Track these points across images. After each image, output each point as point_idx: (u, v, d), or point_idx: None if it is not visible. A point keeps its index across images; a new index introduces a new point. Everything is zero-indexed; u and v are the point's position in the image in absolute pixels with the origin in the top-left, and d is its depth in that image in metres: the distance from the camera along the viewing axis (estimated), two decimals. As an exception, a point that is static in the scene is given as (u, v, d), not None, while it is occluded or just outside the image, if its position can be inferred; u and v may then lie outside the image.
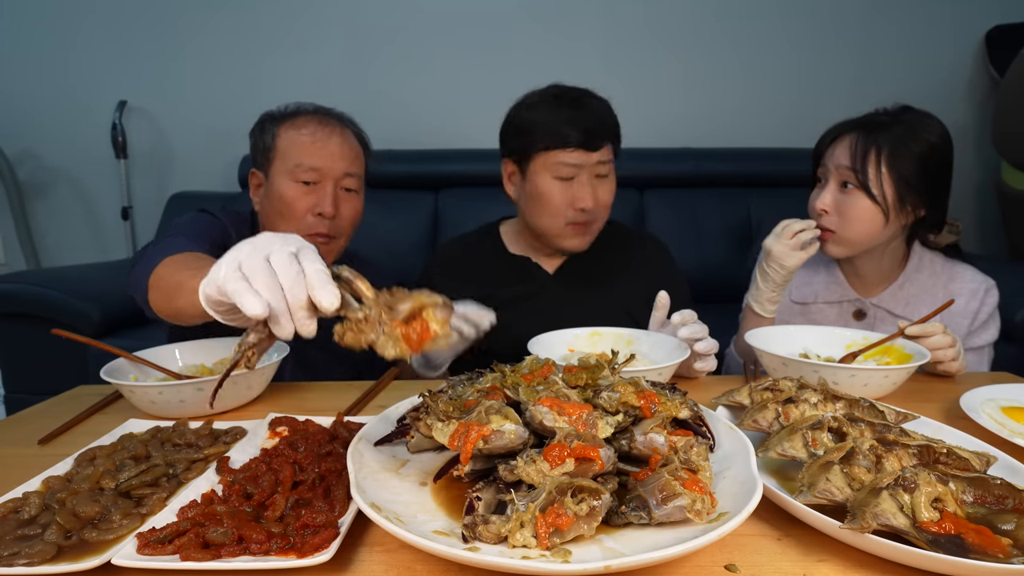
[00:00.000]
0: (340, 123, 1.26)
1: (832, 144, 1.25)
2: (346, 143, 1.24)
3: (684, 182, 2.52)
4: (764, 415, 0.75)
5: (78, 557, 0.54)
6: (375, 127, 2.64)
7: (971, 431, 0.77)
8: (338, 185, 1.22)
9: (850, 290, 1.34)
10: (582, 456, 0.55)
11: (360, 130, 1.32)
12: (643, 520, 0.54)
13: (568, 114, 1.21)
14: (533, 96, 1.28)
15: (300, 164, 1.19)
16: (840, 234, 1.23)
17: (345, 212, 1.24)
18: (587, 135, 1.20)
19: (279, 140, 1.22)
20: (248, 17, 2.62)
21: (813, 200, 1.28)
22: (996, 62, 2.56)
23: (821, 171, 1.28)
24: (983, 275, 1.29)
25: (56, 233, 2.83)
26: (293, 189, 1.20)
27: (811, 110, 2.69)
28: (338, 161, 1.21)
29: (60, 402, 1.04)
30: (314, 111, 1.27)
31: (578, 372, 0.70)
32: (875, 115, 1.24)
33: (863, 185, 1.19)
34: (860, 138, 1.20)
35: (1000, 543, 0.51)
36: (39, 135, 2.71)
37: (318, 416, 0.85)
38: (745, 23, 2.63)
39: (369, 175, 1.35)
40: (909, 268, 1.30)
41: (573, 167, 1.22)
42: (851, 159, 1.20)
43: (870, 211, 1.20)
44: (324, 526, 0.56)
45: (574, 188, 1.23)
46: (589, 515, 0.52)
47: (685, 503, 0.52)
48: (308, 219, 1.20)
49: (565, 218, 1.26)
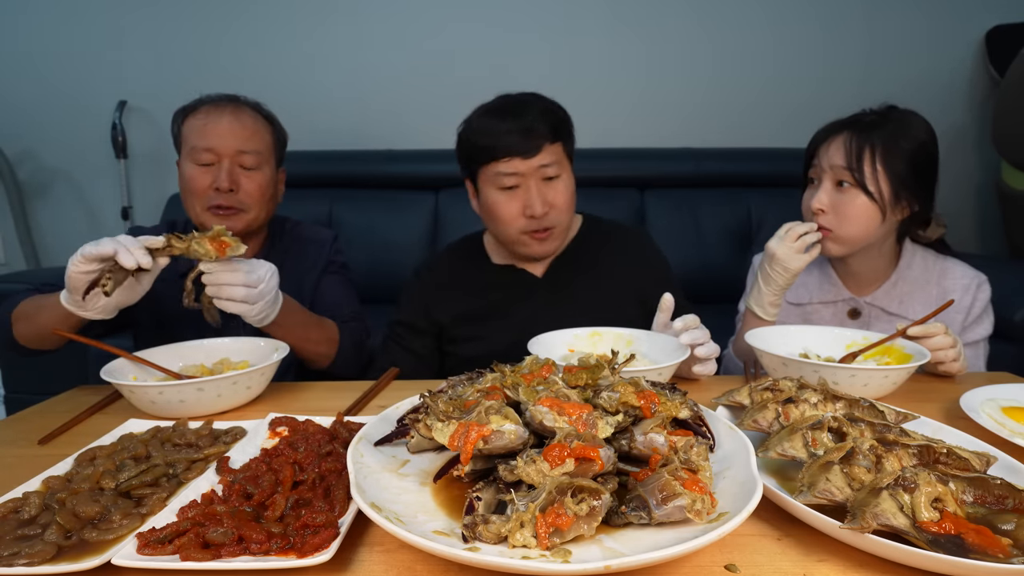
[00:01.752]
0: (234, 105, 1.31)
1: (824, 144, 1.26)
2: (238, 122, 1.29)
3: (684, 182, 2.52)
4: (764, 415, 0.75)
5: (78, 557, 0.54)
6: (375, 127, 2.68)
7: (971, 431, 0.77)
8: (235, 162, 1.28)
9: (844, 290, 1.35)
10: (582, 456, 0.55)
11: (263, 110, 1.37)
12: (643, 520, 0.54)
13: (500, 124, 1.22)
14: (474, 112, 1.29)
15: (195, 146, 1.27)
16: (837, 232, 1.24)
17: (247, 187, 1.29)
18: (520, 142, 1.20)
19: (183, 128, 1.31)
20: (248, 17, 2.62)
21: (808, 200, 1.29)
22: (996, 62, 2.55)
23: (813, 172, 1.29)
24: (974, 270, 1.30)
25: (56, 233, 2.83)
26: (193, 170, 1.27)
27: (811, 110, 2.67)
28: (229, 139, 1.27)
29: (60, 402, 1.04)
30: (215, 98, 1.33)
31: (578, 372, 0.70)
32: (863, 115, 1.26)
33: (859, 183, 1.20)
34: (854, 137, 1.22)
35: (1000, 543, 0.51)
36: (39, 135, 2.71)
37: (318, 416, 0.85)
38: (745, 23, 2.63)
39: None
40: (902, 265, 1.31)
41: (514, 176, 1.22)
42: (846, 158, 1.21)
43: (867, 208, 1.21)
44: (324, 526, 0.56)
45: (520, 196, 1.23)
46: (589, 515, 0.52)
47: (685, 503, 0.52)
48: (209, 194, 1.27)
49: (518, 227, 1.25)
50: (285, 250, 1.43)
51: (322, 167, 2.48)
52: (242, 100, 1.34)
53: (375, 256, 2.37)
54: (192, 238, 0.99)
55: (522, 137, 1.20)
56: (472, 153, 1.27)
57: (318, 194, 2.43)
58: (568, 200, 1.28)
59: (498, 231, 1.30)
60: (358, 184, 2.49)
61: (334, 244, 1.50)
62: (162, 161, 2.71)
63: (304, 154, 2.41)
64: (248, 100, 1.35)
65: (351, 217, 2.42)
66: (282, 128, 1.40)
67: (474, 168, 1.28)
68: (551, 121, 1.24)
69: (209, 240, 1.00)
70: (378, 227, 2.41)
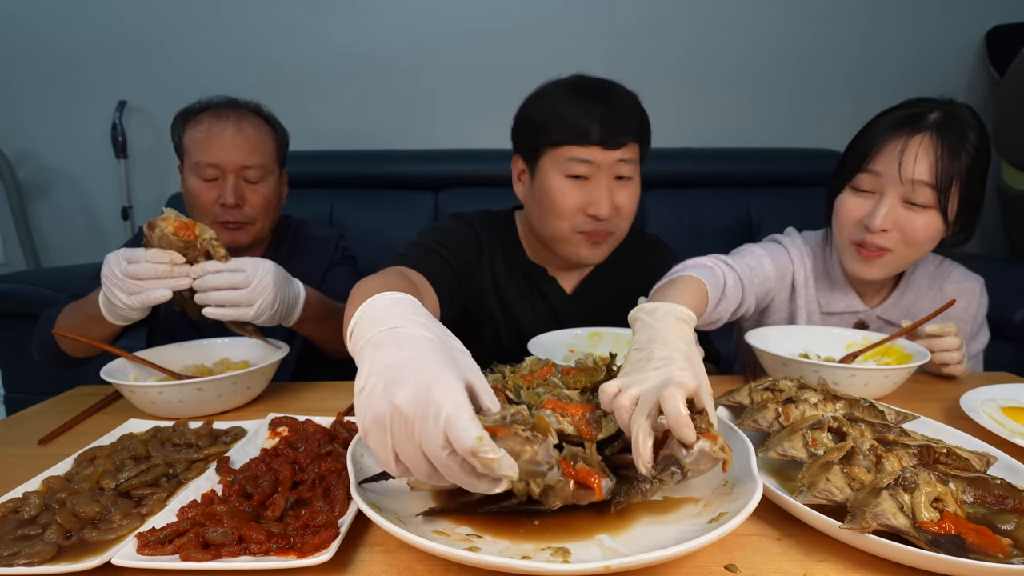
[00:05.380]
0: (236, 114, 1.28)
1: (893, 149, 1.05)
2: (241, 135, 1.26)
3: (683, 182, 2.52)
4: (764, 415, 0.75)
5: (78, 557, 0.54)
6: (375, 128, 2.68)
7: (971, 431, 0.77)
8: (239, 176, 1.26)
9: (857, 300, 1.23)
10: (583, 482, 0.54)
11: (264, 112, 1.34)
12: (676, 476, 0.53)
13: (586, 106, 1.07)
14: (550, 86, 1.14)
15: (199, 161, 1.25)
16: (894, 254, 1.09)
17: (252, 200, 1.28)
18: (607, 130, 1.06)
19: (185, 138, 1.28)
20: (249, 17, 2.62)
21: (854, 211, 1.10)
22: (996, 62, 2.55)
23: (868, 181, 1.08)
24: (973, 274, 1.25)
25: (56, 233, 2.82)
26: (198, 185, 1.26)
27: (811, 110, 2.69)
28: (233, 154, 1.25)
29: (60, 402, 1.04)
30: (215, 104, 1.29)
31: (576, 375, 0.70)
32: (927, 113, 1.06)
33: (940, 205, 1.03)
34: (944, 149, 1.02)
35: (1000, 543, 0.51)
36: (39, 135, 2.71)
37: (318, 416, 0.85)
38: (745, 23, 2.63)
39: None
40: (908, 271, 1.24)
41: (588, 165, 1.08)
42: (935, 176, 1.02)
43: (935, 231, 1.06)
44: (324, 526, 0.56)
45: (588, 190, 1.10)
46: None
47: (707, 446, 0.53)
48: (215, 209, 1.26)
49: (574, 224, 1.12)
50: (290, 249, 1.43)
51: (322, 167, 2.48)
52: (243, 105, 1.32)
53: (375, 256, 2.33)
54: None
55: (610, 125, 1.07)
56: (544, 128, 1.10)
57: (318, 194, 2.43)
58: (633, 207, 1.15)
59: (547, 223, 1.15)
60: (358, 184, 2.49)
61: (339, 242, 1.49)
62: (162, 161, 2.71)
63: (304, 154, 2.41)
64: (249, 104, 1.33)
65: (351, 217, 2.42)
66: (283, 129, 1.38)
67: (539, 146, 1.12)
68: (639, 117, 1.12)
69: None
70: (378, 227, 2.41)
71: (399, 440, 0.48)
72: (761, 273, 1.17)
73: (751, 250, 1.22)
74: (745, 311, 1.11)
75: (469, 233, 1.24)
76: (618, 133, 1.08)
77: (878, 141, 1.08)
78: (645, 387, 0.59)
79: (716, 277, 1.01)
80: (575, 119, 1.07)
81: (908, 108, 1.09)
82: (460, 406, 0.47)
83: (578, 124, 1.07)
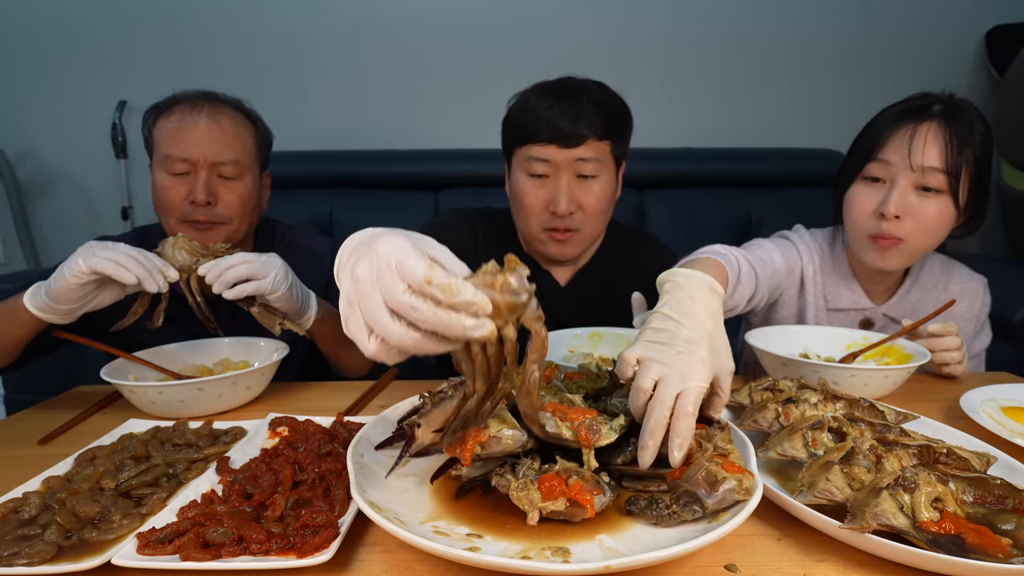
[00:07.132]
0: (212, 105, 1.18)
1: (902, 136, 1.06)
2: (217, 127, 1.15)
3: (684, 182, 2.52)
4: (764, 415, 0.75)
5: (78, 557, 0.54)
6: (375, 128, 2.68)
7: (971, 431, 0.77)
8: (212, 172, 1.16)
9: (864, 298, 1.23)
10: (575, 499, 0.55)
11: (244, 108, 1.24)
12: (697, 514, 0.54)
13: (545, 105, 1.11)
14: (527, 89, 1.19)
15: (168, 154, 1.14)
16: (909, 242, 1.08)
17: (226, 198, 1.17)
18: (560, 128, 1.09)
19: (155, 131, 1.18)
20: (248, 17, 2.62)
21: (865, 202, 1.11)
22: (996, 62, 2.55)
23: (879, 169, 1.09)
24: (977, 274, 1.26)
25: (56, 233, 2.82)
26: (165, 180, 1.15)
27: (811, 110, 2.69)
28: (206, 147, 1.14)
29: (60, 402, 1.04)
30: (191, 95, 1.20)
31: (579, 380, 0.70)
32: (931, 104, 1.08)
33: (952, 190, 1.04)
34: (952, 134, 1.04)
35: (1000, 543, 0.51)
36: (39, 135, 2.71)
37: (318, 416, 0.85)
38: (745, 23, 2.63)
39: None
40: (914, 267, 1.23)
41: (546, 164, 1.12)
42: (944, 159, 1.03)
43: (948, 218, 1.07)
44: (324, 526, 0.56)
45: (549, 188, 1.14)
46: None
47: (733, 485, 0.53)
48: (185, 208, 1.15)
49: (540, 222, 1.16)
50: None
51: (322, 167, 2.48)
52: (220, 98, 1.21)
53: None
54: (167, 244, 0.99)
55: (566, 124, 1.09)
56: (509, 129, 1.18)
57: (318, 194, 2.43)
58: (599, 205, 1.17)
59: (519, 221, 1.22)
60: (357, 184, 2.49)
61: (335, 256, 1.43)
62: (162, 161, 2.71)
63: (304, 154, 2.41)
64: (228, 98, 1.23)
65: (351, 217, 2.42)
66: (266, 128, 1.28)
67: (510, 146, 1.19)
68: (604, 115, 1.13)
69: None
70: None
71: (366, 308, 0.47)
72: (772, 265, 1.16)
73: (761, 244, 1.22)
74: (757, 302, 1.11)
75: (466, 226, 1.29)
76: (574, 131, 1.10)
77: (886, 131, 1.09)
78: (666, 372, 0.60)
79: (731, 263, 1.00)
80: (530, 119, 1.12)
81: (912, 101, 1.11)
82: (405, 248, 0.47)
83: (533, 123, 1.12)
